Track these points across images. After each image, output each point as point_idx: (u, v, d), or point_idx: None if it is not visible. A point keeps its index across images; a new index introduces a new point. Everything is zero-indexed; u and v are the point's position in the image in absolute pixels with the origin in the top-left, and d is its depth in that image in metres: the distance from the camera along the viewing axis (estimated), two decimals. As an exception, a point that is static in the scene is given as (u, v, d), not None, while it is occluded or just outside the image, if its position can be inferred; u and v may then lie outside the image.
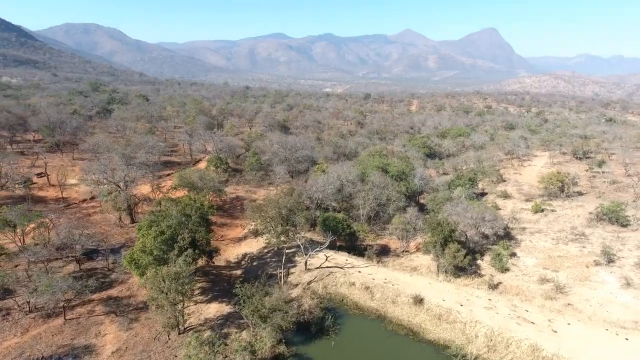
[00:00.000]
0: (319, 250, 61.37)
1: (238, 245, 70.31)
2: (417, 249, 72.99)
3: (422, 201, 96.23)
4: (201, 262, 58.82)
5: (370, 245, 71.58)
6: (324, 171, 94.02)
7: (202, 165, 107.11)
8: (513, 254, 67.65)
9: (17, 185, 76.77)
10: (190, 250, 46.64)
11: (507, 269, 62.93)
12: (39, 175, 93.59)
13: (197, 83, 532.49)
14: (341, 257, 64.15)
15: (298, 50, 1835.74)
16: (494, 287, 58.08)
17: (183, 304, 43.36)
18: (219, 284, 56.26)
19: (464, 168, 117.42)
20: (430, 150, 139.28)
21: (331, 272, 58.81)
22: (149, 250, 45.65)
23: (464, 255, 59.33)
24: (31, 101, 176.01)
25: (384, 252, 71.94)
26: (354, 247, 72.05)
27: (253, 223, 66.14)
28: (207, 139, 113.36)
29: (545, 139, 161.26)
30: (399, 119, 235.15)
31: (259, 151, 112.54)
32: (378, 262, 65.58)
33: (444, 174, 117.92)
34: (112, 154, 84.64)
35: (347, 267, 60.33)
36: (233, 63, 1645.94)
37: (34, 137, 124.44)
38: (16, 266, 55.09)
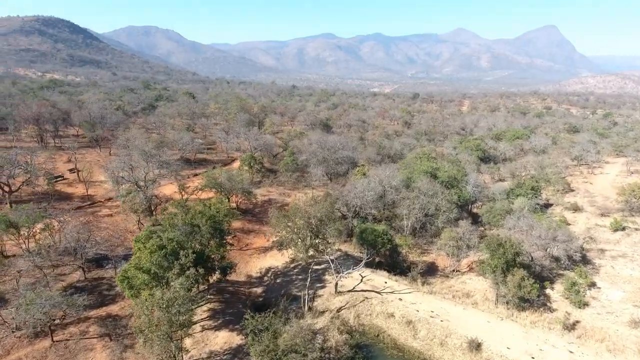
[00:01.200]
0: (353, 271, 51.70)
1: (263, 257, 62.17)
2: (470, 269, 61.62)
3: (475, 211, 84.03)
4: (215, 277, 50.91)
5: (414, 263, 60.93)
6: (364, 174, 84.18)
7: (237, 164, 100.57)
8: (592, 284, 54.65)
9: (41, 181, 72.81)
10: (192, 270, 38.37)
11: (585, 304, 50.34)
12: (71, 170, 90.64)
13: (245, 82, 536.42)
14: (379, 278, 54.16)
15: (346, 50, 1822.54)
16: (570, 327, 45.85)
17: (181, 338, 35.17)
18: (234, 305, 48.10)
19: (523, 174, 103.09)
20: (484, 154, 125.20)
21: (366, 298, 49.00)
22: (145, 268, 38.14)
23: (532, 284, 47.56)
24: (82, 97, 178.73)
25: (430, 271, 61.11)
26: (395, 264, 61.60)
27: (278, 234, 57.63)
28: (244, 136, 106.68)
29: (618, 144, 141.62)
30: (449, 119, 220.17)
31: (297, 151, 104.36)
32: (423, 283, 54.95)
33: (500, 180, 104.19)
34: (131, 151, 79.06)
35: (386, 292, 50.23)
36: (282, 63, 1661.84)
37: (77, 132, 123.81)
38: (19, 272, 49.86)
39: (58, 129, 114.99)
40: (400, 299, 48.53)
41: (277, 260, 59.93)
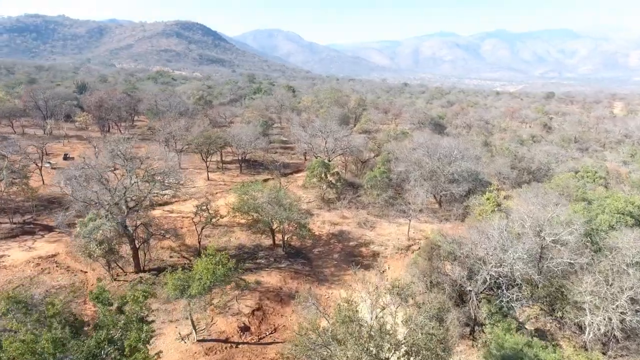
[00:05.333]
0: None
1: None
2: None
3: None
4: None
5: None
6: (498, 206, 49.50)
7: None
8: None
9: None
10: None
11: None
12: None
13: (355, 79, 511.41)
14: None
15: (465, 48, 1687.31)
16: None
17: None
18: None
19: None
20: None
21: None
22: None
23: None
24: (178, 88, 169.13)
25: None
26: None
27: None
28: (322, 134, 77.98)
29: None
30: (605, 123, 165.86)
31: (393, 158, 72.61)
32: None
33: None
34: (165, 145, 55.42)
35: None
36: (395, 62, 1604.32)
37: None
38: None
39: (121, 118, 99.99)
40: None
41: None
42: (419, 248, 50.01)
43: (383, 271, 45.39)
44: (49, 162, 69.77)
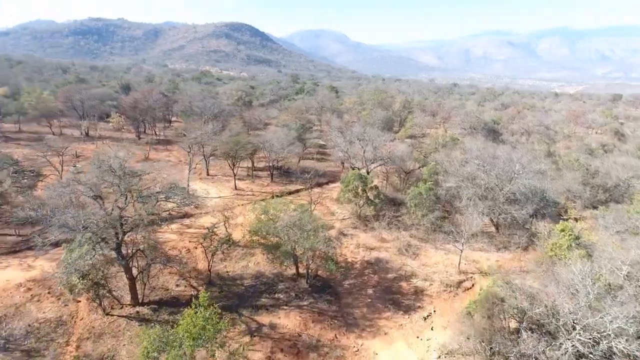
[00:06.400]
0: None
1: None
2: None
3: None
4: None
5: None
6: (576, 239, 39.33)
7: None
8: None
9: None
10: None
11: None
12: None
13: (401, 80, 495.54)
14: None
15: (519, 47, 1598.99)
16: None
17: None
18: None
19: None
20: None
21: None
22: None
23: None
24: (220, 89, 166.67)
25: None
26: None
27: None
28: (360, 143, 69.78)
29: None
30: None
31: (441, 170, 63.32)
32: None
33: None
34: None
35: None
36: (444, 62, 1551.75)
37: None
38: None
39: (156, 119, 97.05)
40: None
41: None
42: (472, 287, 41.10)
43: (427, 316, 36.92)
44: (75, 166, 66.74)
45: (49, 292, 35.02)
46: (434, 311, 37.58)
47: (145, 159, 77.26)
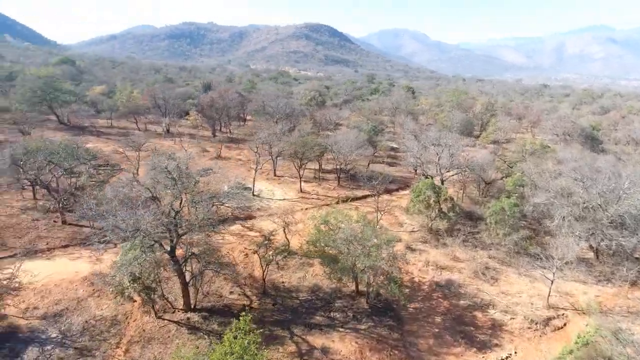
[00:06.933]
0: None
1: None
2: None
3: None
4: None
5: None
6: None
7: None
8: None
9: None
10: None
11: None
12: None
13: (484, 80, 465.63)
14: None
15: (623, 44, 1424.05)
16: None
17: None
18: None
19: None
20: None
21: None
22: None
23: None
24: (295, 89, 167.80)
25: None
26: None
27: None
28: (434, 148, 63.87)
29: None
30: None
31: (529, 183, 55.58)
32: None
33: None
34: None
35: None
36: (534, 61, 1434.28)
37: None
38: None
39: (230, 118, 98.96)
40: None
41: None
42: (564, 326, 34.44)
43: (506, 358, 31.28)
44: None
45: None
46: (515, 352, 31.77)
47: (217, 157, 78.53)
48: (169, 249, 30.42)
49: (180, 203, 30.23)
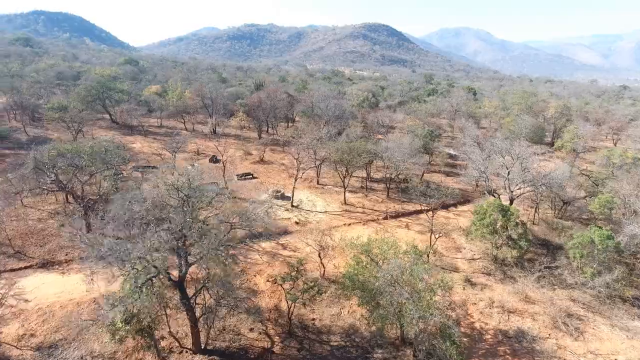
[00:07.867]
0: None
1: None
2: None
3: None
4: None
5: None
6: None
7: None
8: None
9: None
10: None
11: None
12: (243, 175, 64.91)
13: (553, 81, 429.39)
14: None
15: None
16: None
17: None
18: None
19: None
20: None
21: None
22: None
23: None
24: (348, 89, 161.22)
25: None
26: None
27: None
28: (501, 161, 54.46)
29: None
30: None
31: (623, 205, 45.12)
32: None
33: None
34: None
35: None
36: (610, 60, 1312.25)
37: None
38: None
39: (278, 119, 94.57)
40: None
41: None
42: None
43: None
44: (192, 165, 66.24)
45: (118, 314, 31.14)
46: None
47: (260, 160, 74.21)
48: (176, 280, 25.40)
49: (190, 227, 25.16)
